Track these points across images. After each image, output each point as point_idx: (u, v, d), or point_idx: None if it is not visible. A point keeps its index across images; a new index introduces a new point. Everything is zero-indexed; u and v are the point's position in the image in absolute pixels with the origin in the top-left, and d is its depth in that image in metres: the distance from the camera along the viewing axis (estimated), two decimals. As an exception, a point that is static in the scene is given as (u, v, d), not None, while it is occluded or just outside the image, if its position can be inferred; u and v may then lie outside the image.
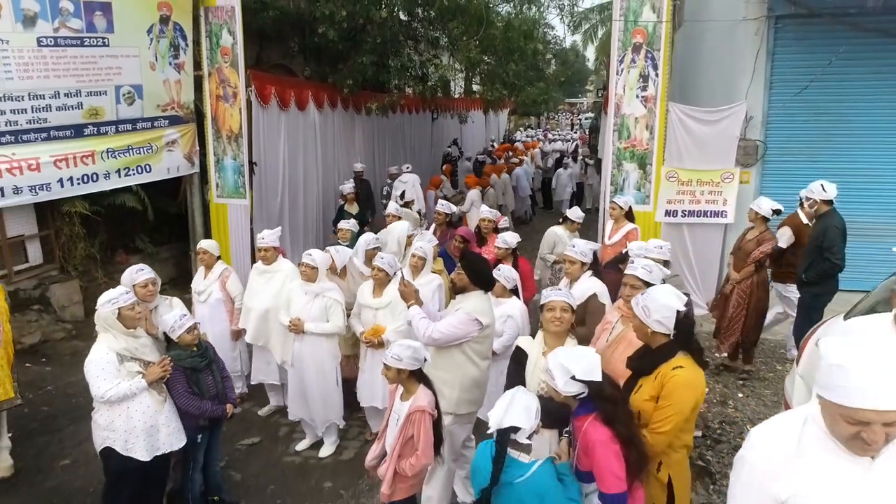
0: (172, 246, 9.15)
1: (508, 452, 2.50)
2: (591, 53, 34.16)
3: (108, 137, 7.37)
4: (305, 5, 10.12)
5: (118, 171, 7.48)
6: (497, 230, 6.14)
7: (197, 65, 8.16)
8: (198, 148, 8.39)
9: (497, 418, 2.50)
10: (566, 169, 15.56)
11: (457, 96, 19.52)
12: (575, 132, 35.23)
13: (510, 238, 5.46)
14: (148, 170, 7.85)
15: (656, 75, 7.02)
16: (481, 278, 3.72)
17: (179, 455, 3.96)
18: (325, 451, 4.91)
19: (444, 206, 6.86)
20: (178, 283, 8.94)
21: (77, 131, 7.08)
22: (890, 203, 7.06)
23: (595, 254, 4.42)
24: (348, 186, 9.06)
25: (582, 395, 2.54)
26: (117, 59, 7.29)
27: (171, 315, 3.81)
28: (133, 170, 7.66)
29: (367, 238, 5.45)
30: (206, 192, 8.47)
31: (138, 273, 4.23)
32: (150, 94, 7.71)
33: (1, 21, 6.23)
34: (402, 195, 9.49)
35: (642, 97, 7.10)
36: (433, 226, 7.01)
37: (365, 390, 4.77)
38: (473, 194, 10.20)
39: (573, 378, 2.50)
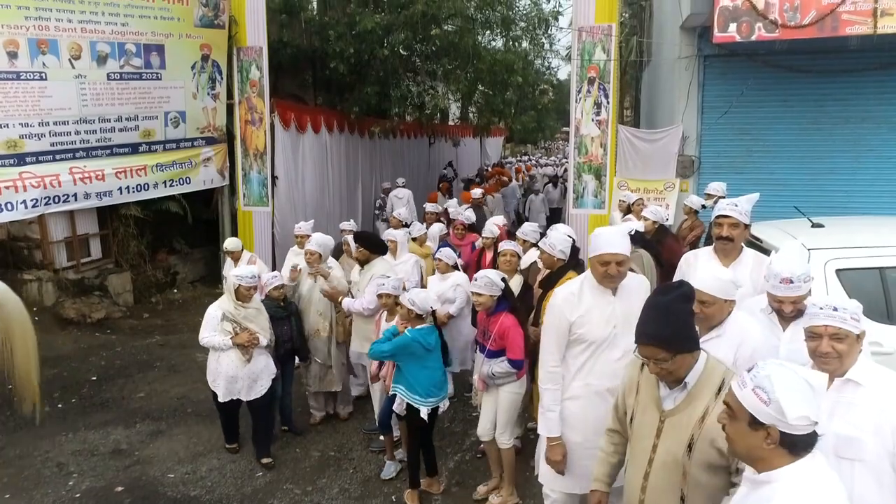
0: (204, 248, 10.65)
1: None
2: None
3: (157, 154, 8.94)
4: (319, 44, 11.76)
5: (164, 182, 9.02)
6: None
7: (229, 94, 9.77)
8: (228, 164, 9.96)
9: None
10: (538, 195, 15.48)
11: (452, 123, 21.21)
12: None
13: (494, 228, 6.98)
14: (188, 182, 9.40)
15: (607, 103, 8.60)
16: (376, 246, 5.26)
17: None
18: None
19: (433, 207, 8.39)
20: (206, 280, 10.43)
21: (133, 149, 8.66)
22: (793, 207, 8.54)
23: (541, 234, 5.96)
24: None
25: (499, 296, 4.06)
26: (167, 89, 8.90)
27: (267, 276, 5.19)
28: (176, 181, 9.21)
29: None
30: (235, 202, 10.01)
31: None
32: (191, 119, 9.31)
33: (81, 61, 7.85)
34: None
35: (596, 120, 8.66)
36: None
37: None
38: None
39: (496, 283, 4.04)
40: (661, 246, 5.98)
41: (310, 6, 12.21)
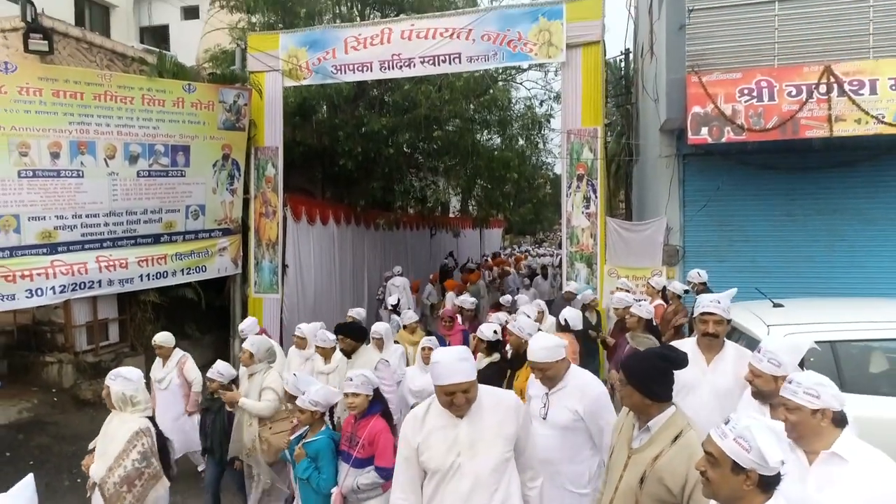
0: (214, 334, 11.09)
1: None
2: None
3: (177, 244, 9.55)
4: (329, 142, 12.70)
5: (182, 270, 9.59)
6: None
7: (246, 188, 10.53)
8: (242, 253, 10.59)
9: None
10: (529, 289, 14.31)
11: (452, 215, 22.15)
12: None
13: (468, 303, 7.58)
14: (204, 270, 9.98)
15: (595, 197, 9.31)
16: (358, 335, 5.41)
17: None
18: None
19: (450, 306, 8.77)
20: (216, 365, 10.78)
21: (156, 239, 9.28)
22: (774, 292, 9.07)
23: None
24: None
25: (371, 396, 3.84)
26: (190, 185, 9.63)
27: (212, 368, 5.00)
28: (193, 269, 9.79)
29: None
30: (246, 289, 10.56)
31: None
32: (210, 212, 10.00)
33: (115, 160, 8.61)
34: (397, 303, 10.38)
35: (586, 213, 9.35)
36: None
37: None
38: (451, 295, 12.14)
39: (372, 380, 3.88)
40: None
41: (321, 109, 13.27)
